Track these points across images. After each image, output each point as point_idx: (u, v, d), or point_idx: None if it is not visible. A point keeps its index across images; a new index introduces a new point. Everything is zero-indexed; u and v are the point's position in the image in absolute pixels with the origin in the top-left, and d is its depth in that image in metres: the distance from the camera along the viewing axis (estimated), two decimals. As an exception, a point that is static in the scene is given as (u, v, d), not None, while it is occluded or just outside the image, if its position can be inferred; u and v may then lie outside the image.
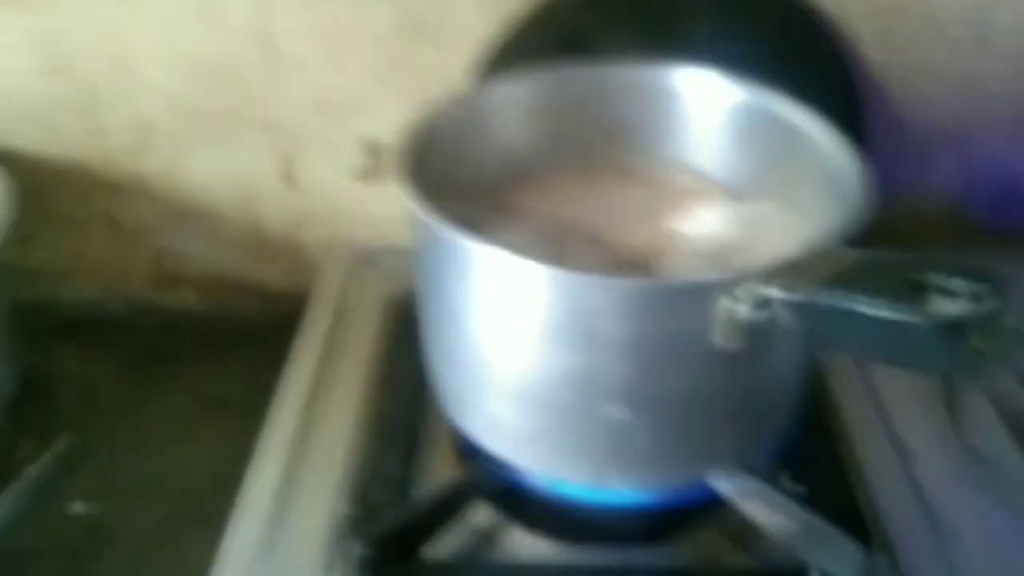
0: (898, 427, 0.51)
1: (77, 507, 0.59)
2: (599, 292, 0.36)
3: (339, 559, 0.43)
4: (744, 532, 0.44)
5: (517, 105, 0.50)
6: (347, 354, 0.57)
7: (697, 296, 0.35)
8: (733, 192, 0.48)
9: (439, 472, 0.48)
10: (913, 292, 0.30)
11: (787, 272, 0.34)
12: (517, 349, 0.39)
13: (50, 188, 0.69)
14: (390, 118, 0.65)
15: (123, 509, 0.60)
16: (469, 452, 0.46)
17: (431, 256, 0.42)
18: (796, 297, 0.32)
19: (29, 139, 0.68)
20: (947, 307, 0.29)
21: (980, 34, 0.62)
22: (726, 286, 0.34)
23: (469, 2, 0.62)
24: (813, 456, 0.47)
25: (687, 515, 0.45)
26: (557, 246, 0.44)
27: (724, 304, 0.35)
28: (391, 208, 0.69)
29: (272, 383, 0.67)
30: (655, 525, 0.45)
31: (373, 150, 0.68)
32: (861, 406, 0.53)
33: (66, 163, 0.68)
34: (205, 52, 0.64)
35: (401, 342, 0.56)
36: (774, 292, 0.33)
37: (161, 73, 0.65)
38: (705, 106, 0.50)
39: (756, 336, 0.35)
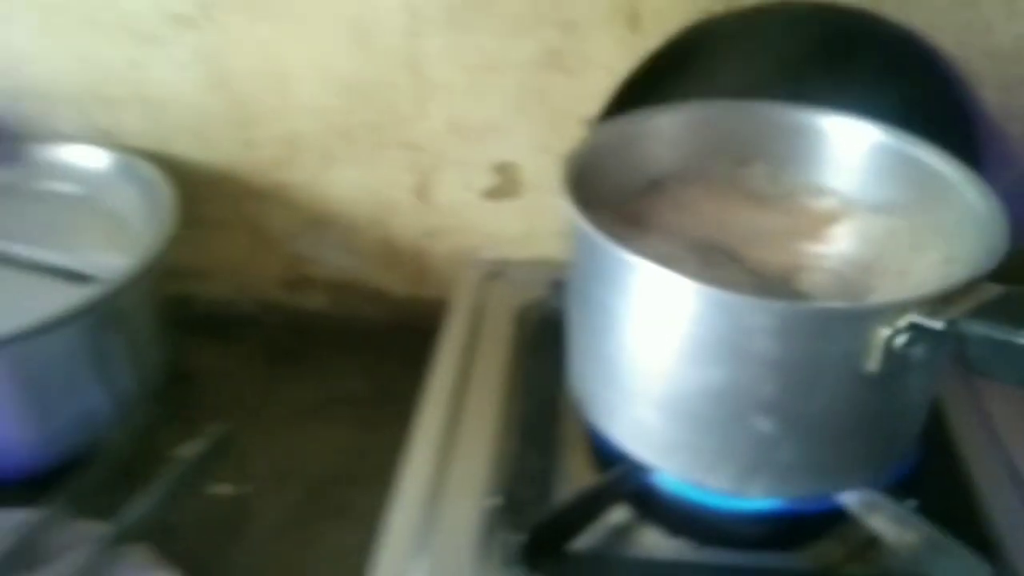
0: (1010, 448, 0.54)
1: (222, 488, 0.65)
2: (758, 313, 0.39)
3: (493, 549, 0.47)
4: (864, 544, 0.48)
5: (667, 134, 0.54)
6: (484, 359, 0.61)
7: (855, 322, 0.38)
8: (871, 211, 0.52)
9: (576, 471, 0.52)
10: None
11: (944, 302, 0.37)
12: (669, 361, 0.43)
13: (201, 193, 0.75)
14: (521, 142, 0.71)
15: (262, 492, 0.65)
16: (607, 454, 0.50)
17: (588, 268, 0.46)
18: (955, 328, 0.35)
19: (187, 147, 0.73)
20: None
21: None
22: (886, 314, 0.38)
23: (604, 36, 0.66)
24: (930, 474, 0.50)
25: (812, 524, 0.49)
26: (701, 260, 0.47)
27: (881, 331, 0.38)
28: (514, 225, 0.75)
29: (394, 382, 0.72)
30: (781, 532, 0.49)
31: (503, 171, 0.72)
32: (973, 426, 0.55)
33: (219, 171, 0.74)
34: (355, 74, 0.69)
35: (533, 349, 0.61)
36: (932, 322, 0.36)
37: (312, 92, 0.70)
38: (847, 145, 0.53)
39: (904, 362, 0.38)
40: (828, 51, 0.63)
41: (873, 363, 0.39)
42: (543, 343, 0.61)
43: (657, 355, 0.43)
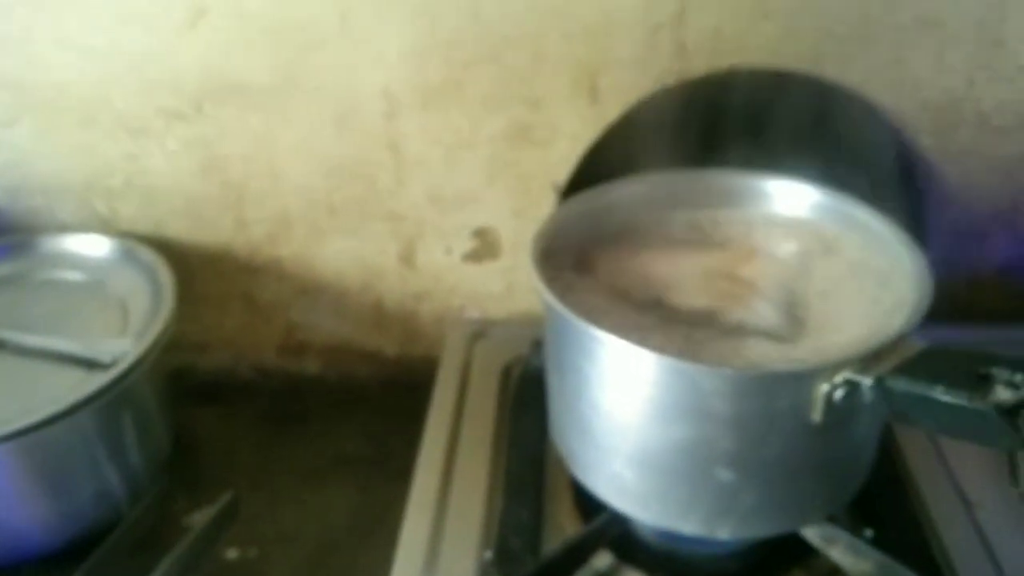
0: (959, 478, 0.58)
1: (231, 553, 0.68)
2: (710, 379, 0.44)
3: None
4: (828, 573, 0.52)
5: (625, 201, 0.59)
6: (472, 417, 0.66)
7: (796, 382, 0.43)
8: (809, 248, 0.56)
9: (562, 520, 0.56)
10: (979, 382, 0.38)
11: (874, 359, 0.42)
12: (636, 421, 0.47)
13: (197, 271, 0.79)
14: (497, 208, 0.76)
15: (270, 555, 0.68)
16: (590, 503, 0.54)
17: (559, 336, 0.51)
18: (882, 384, 0.40)
19: (182, 230, 0.78)
20: (1008, 396, 0.37)
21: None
22: (823, 373, 0.42)
23: (568, 109, 0.71)
24: (885, 503, 0.55)
25: (780, 558, 0.53)
26: (653, 317, 0.52)
27: (821, 387, 0.43)
28: (495, 284, 0.79)
29: (391, 441, 0.76)
30: (752, 567, 0.53)
31: (481, 235, 0.77)
32: (925, 456, 0.60)
33: (213, 250, 0.79)
34: (339, 155, 0.74)
35: (518, 405, 0.65)
36: (863, 379, 0.41)
37: (300, 173, 0.75)
38: (790, 204, 0.58)
39: (846, 411, 0.43)
40: (775, 113, 0.69)
41: (817, 415, 0.44)
42: (527, 399, 0.65)
43: (625, 416, 0.48)
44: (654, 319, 0.50)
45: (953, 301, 0.75)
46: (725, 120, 0.69)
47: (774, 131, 0.68)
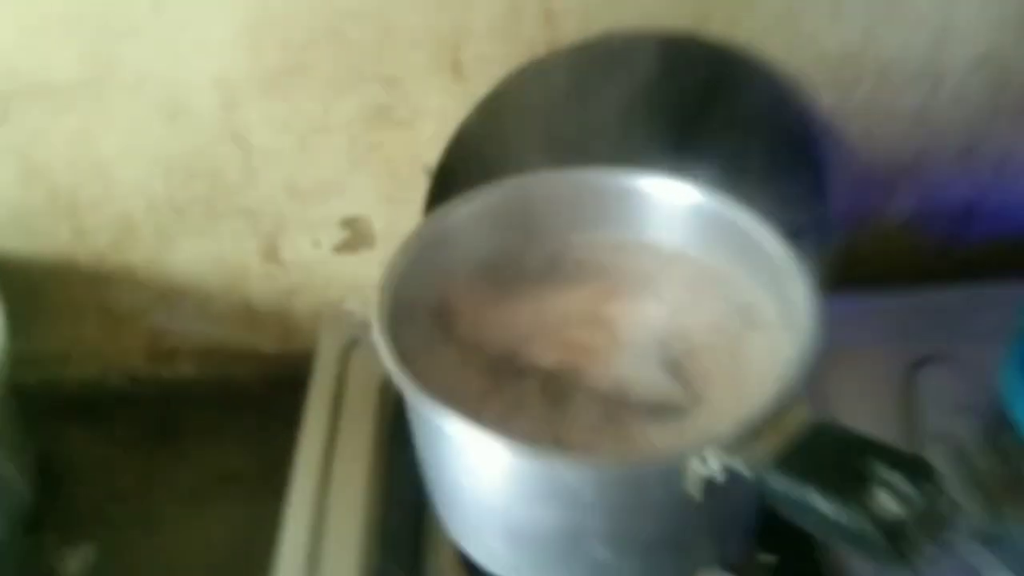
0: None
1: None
2: (575, 472, 0.39)
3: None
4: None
5: (476, 224, 0.53)
6: (348, 445, 0.61)
7: (668, 470, 0.38)
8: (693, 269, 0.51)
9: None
10: (858, 483, 0.34)
11: (746, 441, 0.37)
12: (502, 502, 0.43)
13: (39, 283, 0.71)
14: (365, 196, 0.68)
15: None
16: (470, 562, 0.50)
17: (414, 411, 0.45)
18: (753, 474, 0.36)
19: (14, 242, 0.69)
20: (889, 506, 0.33)
21: (926, 73, 0.64)
22: (693, 453, 0.38)
23: (429, 87, 0.63)
24: (787, 530, 0.52)
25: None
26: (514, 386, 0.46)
27: (693, 466, 0.38)
28: (374, 273, 0.72)
29: (275, 447, 0.71)
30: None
31: (351, 225, 0.70)
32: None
33: (53, 261, 0.70)
34: (176, 152, 0.65)
35: (398, 431, 0.60)
36: (743, 469, 0.36)
37: (135, 174, 0.66)
38: (667, 206, 0.52)
39: (729, 485, 0.39)
40: (657, 80, 0.62)
41: (695, 493, 0.39)
42: (407, 423, 0.60)
43: (487, 495, 0.43)
44: (514, 386, 0.45)
45: (859, 256, 0.73)
46: (602, 92, 0.62)
47: (658, 103, 0.61)
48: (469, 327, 0.49)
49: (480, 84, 0.62)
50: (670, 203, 0.52)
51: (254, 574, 0.62)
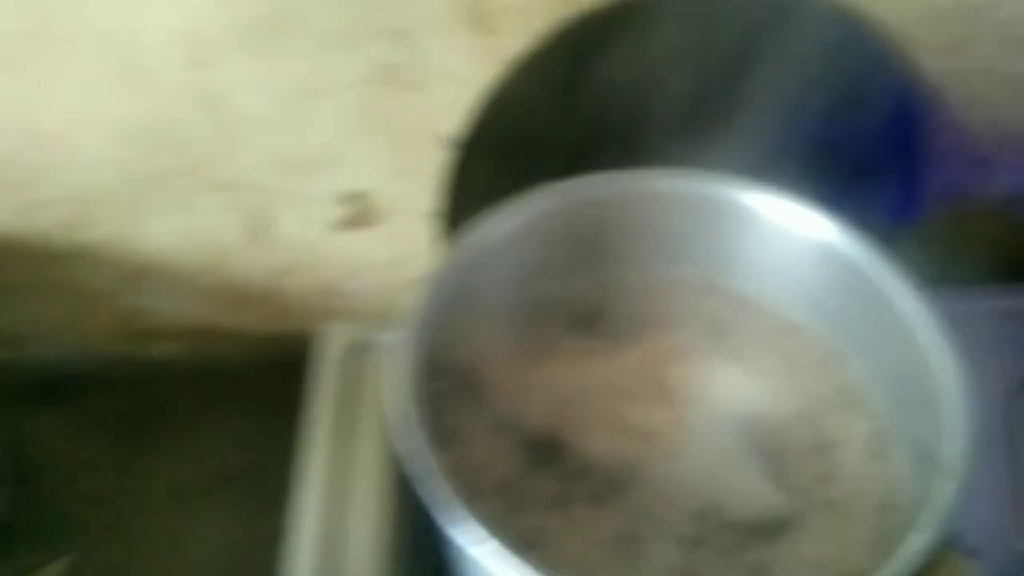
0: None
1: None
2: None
3: None
4: None
5: (526, 244, 0.42)
6: (360, 454, 0.52)
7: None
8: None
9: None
10: None
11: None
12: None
13: (-12, 261, 0.61)
14: (369, 168, 0.57)
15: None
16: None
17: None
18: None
19: (-46, 217, 0.58)
20: None
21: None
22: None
23: (445, 43, 0.51)
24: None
25: None
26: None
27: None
28: (378, 253, 0.62)
29: (266, 441, 0.62)
30: None
31: (353, 201, 0.59)
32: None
33: (4, 238, 0.60)
34: (139, 119, 0.53)
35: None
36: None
37: (93, 144, 0.55)
38: (767, 235, 0.41)
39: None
40: (726, 36, 0.50)
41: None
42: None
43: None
44: (555, 482, 0.36)
45: (956, 232, 0.62)
46: (668, 57, 0.50)
47: (726, 65, 0.50)
48: (500, 392, 0.39)
49: (512, 40, 0.50)
50: (772, 232, 0.41)
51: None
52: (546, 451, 0.37)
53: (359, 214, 0.59)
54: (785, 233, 0.40)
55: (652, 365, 0.39)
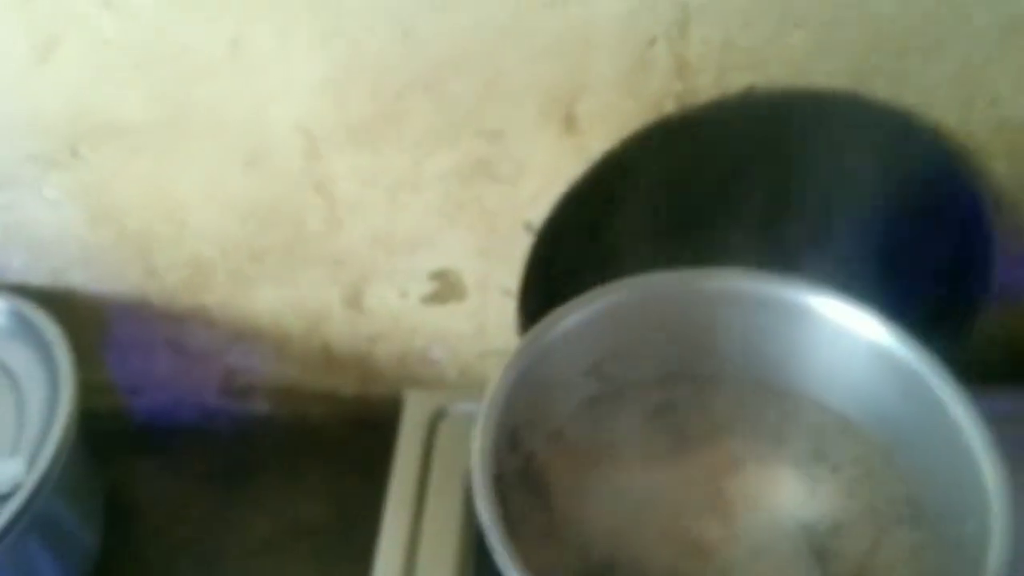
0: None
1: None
2: None
3: None
4: None
5: (586, 334, 0.45)
6: (436, 515, 0.56)
7: None
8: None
9: None
10: None
11: None
12: None
13: (110, 318, 0.67)
14: (457, 249, 0.62)
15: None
16: None
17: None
18: None
19: (86, 279, 0.65)
20: None
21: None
22: None
23: (537, 141, 0.55)
24: None
25: None
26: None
27: None
28: (462, 325, 0.67)
29: (351, 497, 0.67)
30: None
31: (440, 277, 0.63)
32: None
33: (125, 298, 0.66)
34: (255, 198, 0.59)
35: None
36: None
37: (210, 218, 0.61)
38: (824, 333, 0.44)
39: None
40: (807, 147, 0.53)
41: None
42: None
43: None
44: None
45: (1013, 335, 0.64)
46: (741, 160, 0.53)
47: (807, 174, 0.53)
48: (562, 497, 0.42)
49: (596, 140, 0.55)
50: (831, 333, 0.44)
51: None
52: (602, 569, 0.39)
53: (445, 288, 0.64)
54: (844, 334, 0.43)
55: (712, 475, 0.42)
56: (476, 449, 0.38)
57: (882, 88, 0.52)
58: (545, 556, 0.40)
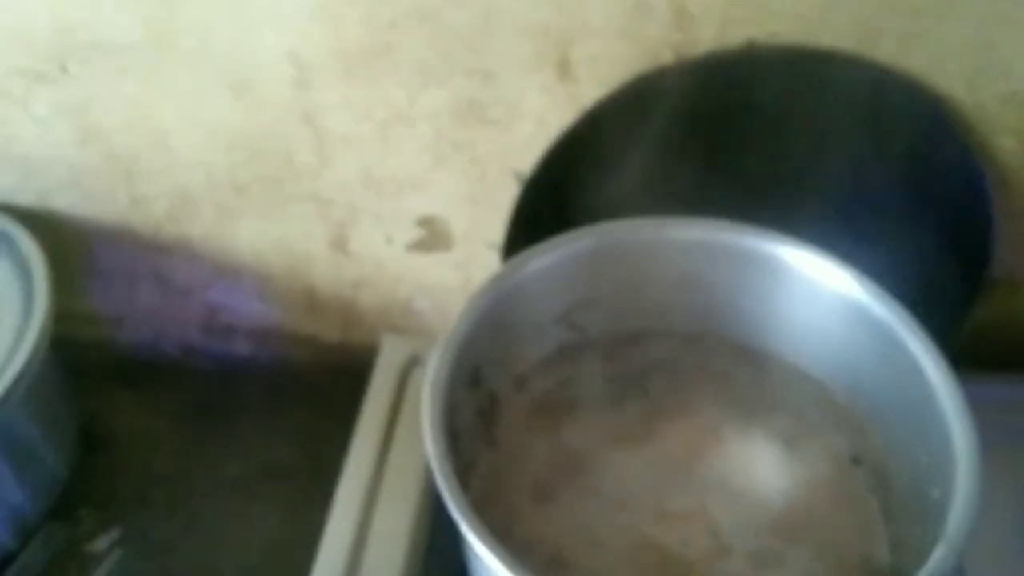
0: None
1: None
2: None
3: None
4: None
5: (558, 277, 0.44)
6: (402, 457, 0.56)
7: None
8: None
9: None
10: None
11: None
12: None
13: (95, 245, 0.67)
14: (446, 195, 0.61)
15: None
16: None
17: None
18: None
19: (71, 202, 0.64)
20: None
21: None
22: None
23: (531, 85, 0.54)
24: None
25: None
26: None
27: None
28: (448, 276, 0.66)
29: (324, 442, 0.66)
30: None
31: (427, 224, 0.62)
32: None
33: (110, 225, 0.65)
34: (242, 128, 0.58)
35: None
36: None
37: (196, 147, 0.60)
38: (802, 291, 0.43)
39: None
40: (801, 105, 0.51)
41: None
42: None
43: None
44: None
45: (1019, 330, 0.62)
46: (737, 116, 0.52)
47: (799, 132, 0.51)
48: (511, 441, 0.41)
49: (591, 88, 0.53)
50: (806, 288, 0.42)
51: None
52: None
53: (432, 237, 0.63)
54: (821, 292, 0.41)
55: (682, 446, 0.41)
56: (430, 377, 0.37)
57: (889, 51, 0.50)
58: (497, 496, 0.39)
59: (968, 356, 0.43)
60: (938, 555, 0.31)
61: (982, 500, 0.33)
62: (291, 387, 0.73)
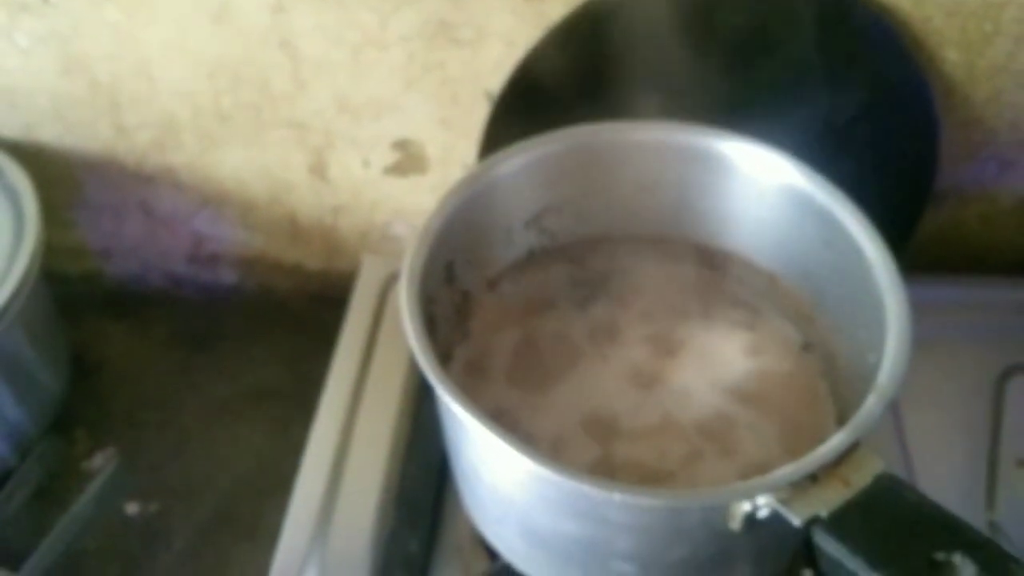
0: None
1: (132, 508, 0.63)
2: (615, 507, 0.35)
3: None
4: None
5: (527, 179, 0.47)
6: (377, 392, 0.58)
7: (714, 505, 0.34)
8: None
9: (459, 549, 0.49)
10: (919, 564, 0.29)
11: (801, 486, 0.33)
12: (525, 506, 0.39)
13: (81, 177, 0.69)
14: (419, 118, 0.63)
15: (172, 510, 0.63)
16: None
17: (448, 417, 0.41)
18: (802, 525, 0.31)
19: (56, 133, 0.66)
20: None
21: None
22: (743, 497, 0.33)
23: (498, 4, 0.56)
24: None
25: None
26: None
27: (742, 506, 0.34)
28: (425, 199, 0.68)
29: (308, 365, 0.68)
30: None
31: (403, 147, 0.65)
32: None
33: (96, 156, 0.67)
34: (221, 55, 0.60)
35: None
36: (791, 516, 0.32)
37: (178, 75, 0.62)
38: (752, 186, 0.46)
39: (771, 522, 0.34)
40: (764, 25, 0.54)
41: (735, 526, 0.35)
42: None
43: (511, 496, 0.39)
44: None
45: (965, 239, 0.65)
46: (698, 33, 0.54)
47: (754, 41, 0.54)
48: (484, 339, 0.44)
49: (556, 6, 0.56)
50: (752, 183, 0.45)
51: (275, 494, 0.61)
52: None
53: (407, 160, 0.65)
54: (766, 184, 0.44)
55: (641, 346, 0.44)
56: (407, 263, 0.40)
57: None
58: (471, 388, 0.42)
59: (918, 264, 0.47)
60: (870, 401, 0.35)
61: (910, 355, 0.36)
62: (275, 314, 0.75)
